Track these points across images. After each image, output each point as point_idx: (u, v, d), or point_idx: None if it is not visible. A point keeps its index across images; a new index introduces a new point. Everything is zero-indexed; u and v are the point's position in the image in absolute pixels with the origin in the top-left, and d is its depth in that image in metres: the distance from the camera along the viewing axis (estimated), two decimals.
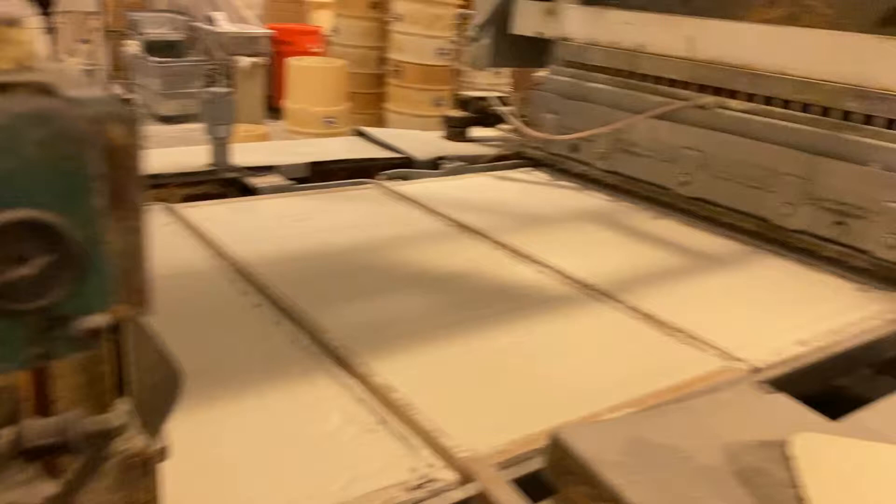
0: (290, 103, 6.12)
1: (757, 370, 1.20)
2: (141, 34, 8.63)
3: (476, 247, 1.71)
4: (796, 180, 1.70)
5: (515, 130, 2.36)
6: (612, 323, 1.38)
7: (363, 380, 1.12)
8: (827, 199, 1.66)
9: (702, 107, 1.90)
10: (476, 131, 2.66)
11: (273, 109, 7.94)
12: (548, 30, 2.30)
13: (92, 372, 0.64)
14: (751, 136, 1.80)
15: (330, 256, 1.61)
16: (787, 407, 1.02)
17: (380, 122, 6.33)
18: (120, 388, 0.68)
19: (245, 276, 1.45)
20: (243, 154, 2.06)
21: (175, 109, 8.50)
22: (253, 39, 9.02)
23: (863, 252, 1.62)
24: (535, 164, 2.38)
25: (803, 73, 1.71)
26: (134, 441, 0.66)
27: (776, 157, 1.74)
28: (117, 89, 8.85)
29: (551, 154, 2.31)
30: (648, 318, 1.38)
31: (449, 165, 2.28)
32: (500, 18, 2.41)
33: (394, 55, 6.16)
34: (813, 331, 1.36)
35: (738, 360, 1.24)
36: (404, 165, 2.27)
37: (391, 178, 2.18)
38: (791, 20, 1.95)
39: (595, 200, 2.10)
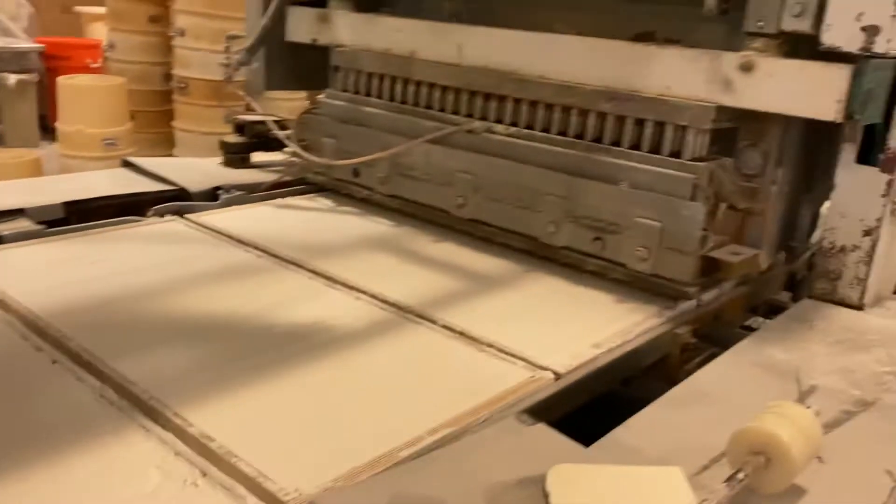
0: (62, 125, 5.63)
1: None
2: None
3: (275, 280, 1.66)
4: (558, 200, 1.79)
5: (295, 155, 2.30)
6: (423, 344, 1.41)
7: (178, 432, 1.05)
8: (586, 216, 1.76)
9: (471, 131, 1.95)
10: (259, 156, 2.58)
11: (50, 130, 7.28)
12: (322, 37, 2.27)
13: None
14: (516, 159, 1.87)
15: (120, 301, 1.49)
16: (547, 437, 1.06)
17: (168, 141, 6.01)
18: None
19: (36, 329, 1.32)
20: None
21: None
22: (19, 54, 8.22)
23: (620, 265, 1.73)
24: (319, 189, 2.34)
25: (562, 77, 1.80)
26: None
27: (539, 179, 1.82)
28: None
29: (334, 179, 2.28)
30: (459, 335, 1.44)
31: (226, 196, 2.18)
32: (274, 40, 2.34)
33: (178, 71, 5.86)
34: (582, 344, 1.44)
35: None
36: (178, 198, 2.14)
37: (163, 213, 2.04)
38: None
39: (378, 226, 2.09)
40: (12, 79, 7.93)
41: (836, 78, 1.44)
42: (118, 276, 1.61)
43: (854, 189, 1.63)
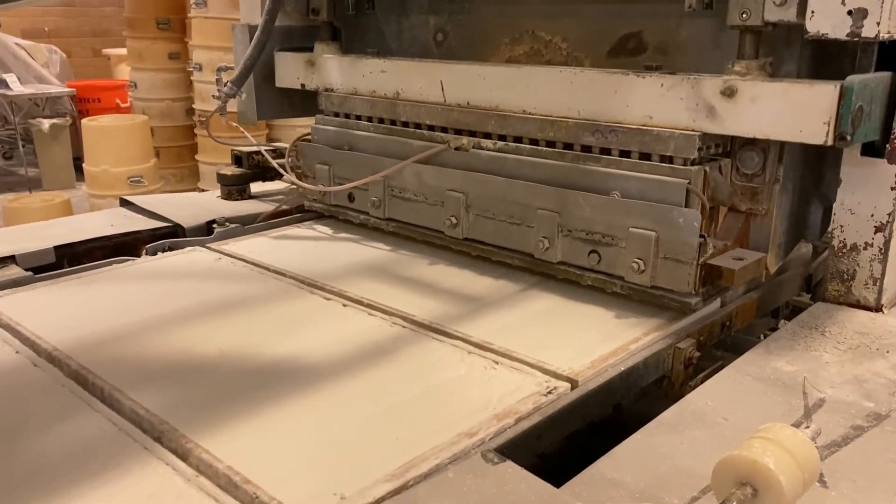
0: (89, 166, 5.73)
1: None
2: None
3: (276, 306, 1.66)
4: (550, 214, 1.71)
5: (292, 184, 2.27)
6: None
7: (196, 460, 1.07)
8: (579, 229, 1.68)
9: (459, 148, 1.89)
10: (258, 186, 2.55)
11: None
12: (309, 81, 2.24)
13: None
14: (505, 175, 1.80)
15: (128, 337, 1.50)
16: (515, 478, 0.98)
17: (194, 175, 6.08)
18: None
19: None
20: None
21: None
22: (53, 100, 8.47)
23: (618, 278, 1.64)
24: (318, 216, 2.30)
25: (544, 111, 1.74)
26: None
27: (530, 193, 1.75)
28: None
29: (331, 206, 2.24)
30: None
31: (220, 230, 2.15)
32: (263, 69, 2.32)
33: (199, 105, 5.93)
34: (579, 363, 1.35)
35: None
36: (172, 235, 2.12)
37: (156, 251, 2.02)
38: (534, 55, 1.99)
39: (374, 251, 2.04)
40: (46, 123, 8.15)
41: (822, 97, 1.33)
42: (120, 314, 1.59)
43: (862, 183, 1.52)
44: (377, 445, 1.11)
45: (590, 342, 1.47)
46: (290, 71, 2.29)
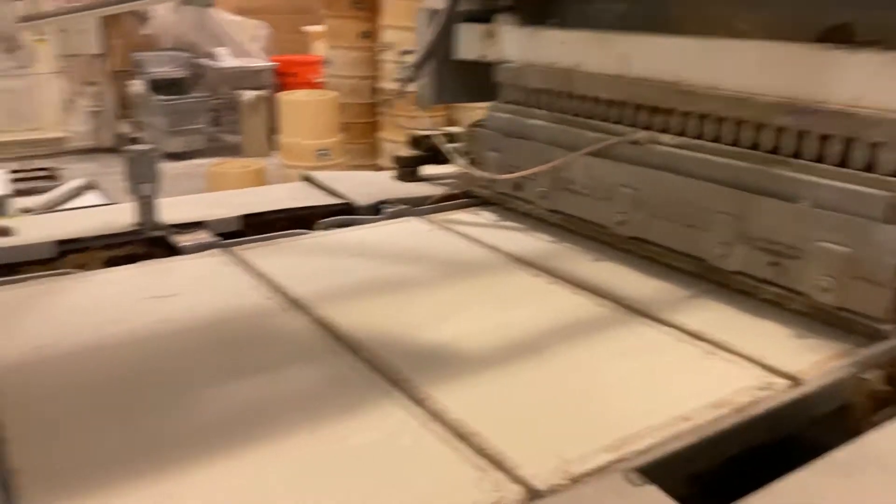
0: (283, 137, 6.12)
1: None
2: (146, 73, 8.74)
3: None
4: (730, 218, 1.60)
5: (462, 169, 2.28)
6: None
7: (428, 409, 1.19)
8: (761, 238, 1.55)
9: (635, 142, 1.81)
10: (429, 169, 2.59)
11: None
12: (489, 52, 2.23)
13: None
14: (683, 173, 1.70)
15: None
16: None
17: (374, 152, 6.32)
18: None
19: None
20: (172, 210, 2.01)
21: (181, 146, 8.60)
22: (256, 73, 9.11)
23: (799, 294, 1.50)
24: (483, 203, 2.30)
25: (736, 87, 1.61)
26: None
27: (709, 195, 1.64)
28: (125, 128, 8.97)
29: (498, 193, 2.23)
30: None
31: (390, 209, 2.21)
32: (442, 52, 2.34)
33: (385, 84, 6.13)
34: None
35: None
36: (345, 212, 2.21)
37: (328, 226, 2.11)
38: None
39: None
40: (249, 95, 8.79)
41: None
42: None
43: None
44: (592, 417, 1.19)
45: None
46: (470, 42, 2.27)
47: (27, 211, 3.55)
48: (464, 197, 2.35)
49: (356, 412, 1.19)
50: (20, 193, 3.89)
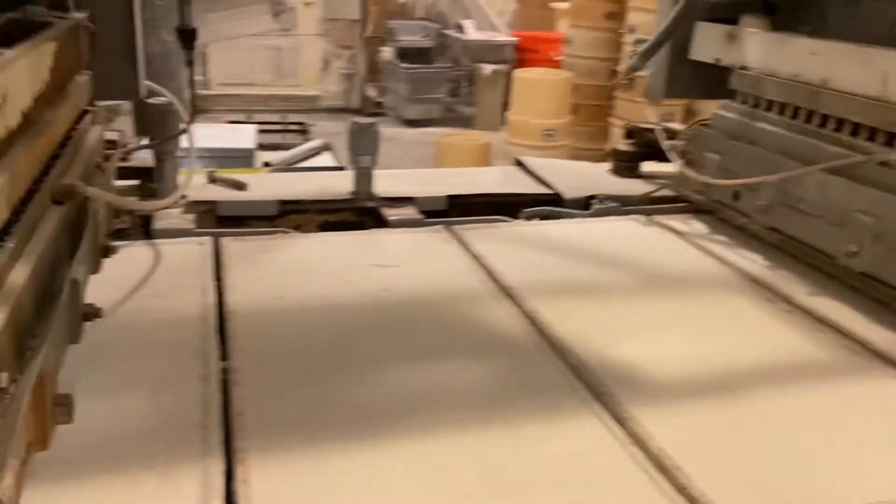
0: (512, 115, 6.16)
1: None
2: (396, 41, 9.19)
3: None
4: None
5: (678, 169, 2.15)
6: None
7: (628, 429, 1.15)
8: None
9: (885, 163, 1.58)
10: (649, 166, 2.47)
11: None
12: (726, 56, 2.05)
13: None
14: None
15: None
16: None
17: (603, 135, 6.16)
18: None
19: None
20: (386, 182, 2.10)
21: (419, 113, 8.97)
22: (498, 47, 9.23)
23: None
24: (696, 209, 2.15)
25: None
26: None
27: None
28: (371, 92, 9.53)
29: (712, 200, 2.07)
30: None
31: (598, 206, 2.14)
32: (677, 43, 2.20)
33: (623, 68, 5.93)
34: None
35: None
36: (552, 203, 2.17)
37: (530, 216, 2.09)
38: None
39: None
40: (488, 69, 8.94)
41: None
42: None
43: None
44: (808, 480, 1.07)
45: None
46: (707, 43, 2.12)
47: (267, 165, 3.90)
48: (676, 201, 2.22)
49: (554, 417, 1.17)
50: (264, 148, 4.28)
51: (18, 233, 0.99)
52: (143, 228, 1.89)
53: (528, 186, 2.26)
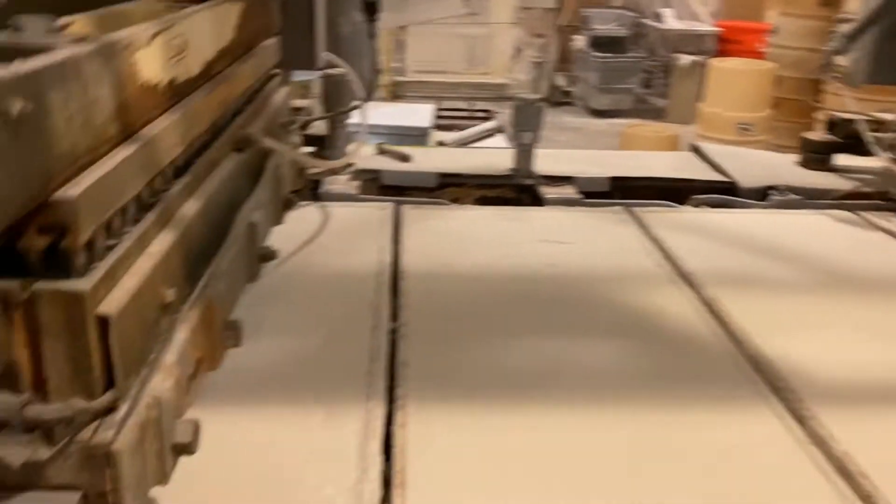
0: (704, 106, 5.82)
1: None
2: (589, 30, 9.02)
3: None
4: None
5: (884, 164, 1.91)
6: None
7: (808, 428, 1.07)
8: None
9: None
10: (844, 159, 2.22)
11: None
12: None
13: (79, 361, 0.73)
14: None
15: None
16: None
17: (808, 132, 5.66)
18: (109, 380, 0.75)
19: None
20: (547, 161, 2.05)
21: (608, 104, 8.76)
22: (698, 37, 8.78)
23: None
24: None
25: None
26: (99, 434, 0.73)
27: None
28: (560, 81, 9.43)
29: None
30: None
31: (778, 198, 1.95)
32: (888, 23, 1.95)
33: (842, 59, 5.40)
34: None
35: None
36: (726, 191, 2.01)
37: (702, 203, 1.95)
38: None
39: None
40: (686, 59, 8.53)
41: None
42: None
43: None
44: None
45: None
46: None
47: (441, 143, 3.95)
48: (878, 198, 1.97)
49: (724, 406, 1.10)
50: (439, 128, 4.34)
51: (195, 171, 1.08)
52: (312, 192, 1.98)
53: (701, 173, 2.11)
